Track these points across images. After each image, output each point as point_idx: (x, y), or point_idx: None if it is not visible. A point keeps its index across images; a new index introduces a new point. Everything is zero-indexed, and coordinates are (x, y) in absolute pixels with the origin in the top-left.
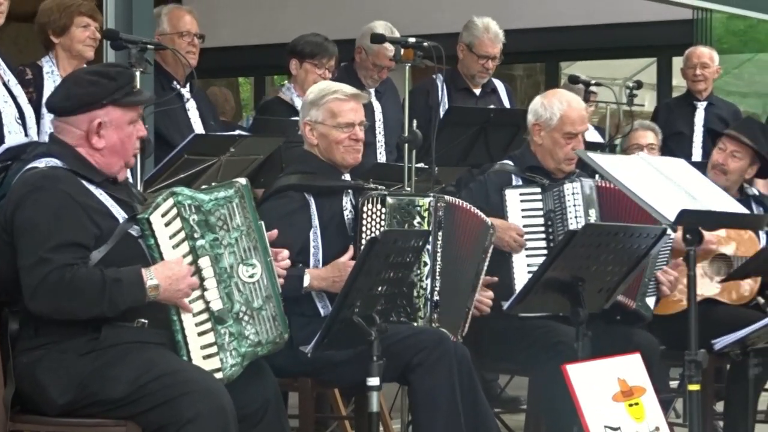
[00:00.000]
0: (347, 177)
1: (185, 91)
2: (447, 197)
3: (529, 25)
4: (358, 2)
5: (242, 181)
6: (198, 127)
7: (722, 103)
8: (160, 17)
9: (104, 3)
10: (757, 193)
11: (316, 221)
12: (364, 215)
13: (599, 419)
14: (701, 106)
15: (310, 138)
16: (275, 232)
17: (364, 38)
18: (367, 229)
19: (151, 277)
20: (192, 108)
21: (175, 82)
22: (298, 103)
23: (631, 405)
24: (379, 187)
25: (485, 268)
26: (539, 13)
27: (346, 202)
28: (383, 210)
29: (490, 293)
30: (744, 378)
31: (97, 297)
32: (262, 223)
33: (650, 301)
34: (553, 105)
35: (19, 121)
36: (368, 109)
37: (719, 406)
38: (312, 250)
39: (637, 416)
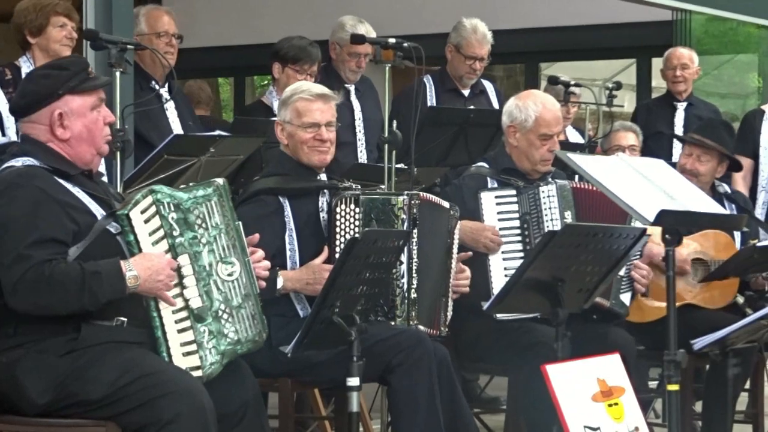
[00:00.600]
0: (323, 177)
1: (164, 92)
2: (421, 194)
3: (509, 26)
4: (340, 3)
5: (220, 180)
6: (177, 128)
7: (702, 103)
8: (138, 18)
9: (84, 3)
10: (729, 191)
11: (291, 224)
12: (338, 216)
13: (579, 419)
14: (681, 107)
15: (281, 138)
16: (257, 236)
17: (335, 34)
18: (341, 230)
19: (130, 268)
20: (171, 108)
21: (153, 82)
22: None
23: (610, 405)
24: (354, 186)
25: (455, 250)
26: (519, 14)
27: (322, 203)
28: (357, 210)
29: (467, 273)
30: (723, 378)
31: (78, 291)
32: (240, 223)
33: (625, 297)
34: (528, 107)
35: None
36: (348, 108)
37: (698, 406)
38: (288, 253)
39: (616, 416)
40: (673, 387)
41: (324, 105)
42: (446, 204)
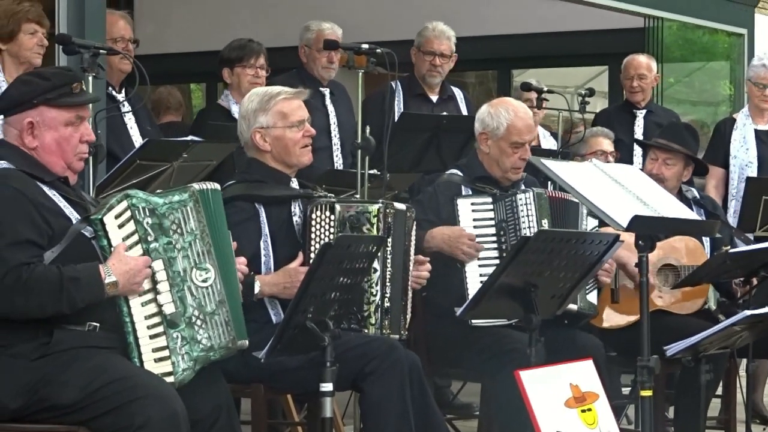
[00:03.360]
0: (295, 183)
1: (121, 97)
2: (396, 204)
3: (482, 33)
4: (309, 9)
5: (197, 186)
6: (135, 133)
7: (661, 110)
8: None
9: (56, 7)
10: (697, 196)
11: (266, 229)
12: (313, 222)
13: (552, 425)
14: (640, 114)
15: (263, 145)
16: (234, 244)
17: (301, 37)
18: (316, 236)
19: (109, 273)
20: (129, 115)
21: (110, 88)
22: (235, 109)
23: (583, 411)
24: (329, 195)
25: (412, 251)
26: (491, 20)
27: (295, 208)
28: (332, 217)
29: (427, 266)
30: (695, 384)
31: (56, 296)
32: (230, 232)
33: (592, 297)
34: (500, 114)
35: None
36: (323, 113)
37: (670, 412)
38: (263, 259)
39: (589, 422)
40: (646, 393)
41: (301, 102)
42: (402, 206)
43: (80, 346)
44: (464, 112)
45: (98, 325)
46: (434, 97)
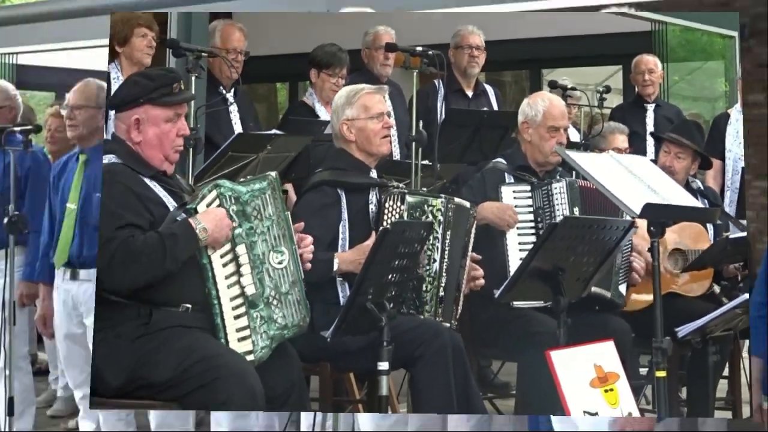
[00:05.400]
0: (374, 173)
1: (229, 96)
2: (458, 200)
3: (516, 36)
4: (369, 20)
5: (273, 173)
6: (238, 128)
7: (668, 106)
8: (213, 31)
9: (168, 18)
10: (702, 187)
11: (345, 215)
12: (386, 210)
13: (578, 404)
14: (650, 108)
15: (348, 135)
16: (302, 224)
17: (362, 42)
18: (387, 222)
19: (199, 222)
20: (234, 111)
21: (221, 88)
22: (317, 107)
23: (606, 391)
24: (401, 185)
25: (470, 248)
26: (525, 25)
27: (372, 197)
28: (402, 206)
29: (480, 271)
30: (704, 365)
31: (162, 255)
32: (289, 213)
33: (623, 287)
34: (537, 104)
35: None
36: None
37: (684, 393)
38: (340, 242)
39: (612, 401)
40: (661, 373)
41: (382, 97)
42: (467, 204)
43: (175, 325)
44: (495, 106)
45: (190, 306)
46: (470, 92)
